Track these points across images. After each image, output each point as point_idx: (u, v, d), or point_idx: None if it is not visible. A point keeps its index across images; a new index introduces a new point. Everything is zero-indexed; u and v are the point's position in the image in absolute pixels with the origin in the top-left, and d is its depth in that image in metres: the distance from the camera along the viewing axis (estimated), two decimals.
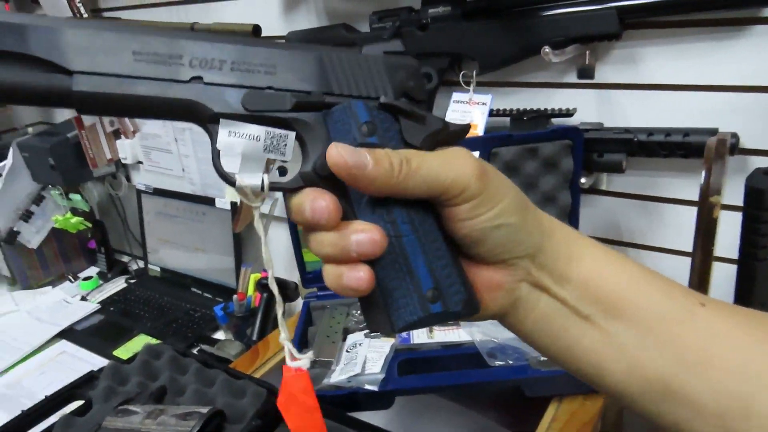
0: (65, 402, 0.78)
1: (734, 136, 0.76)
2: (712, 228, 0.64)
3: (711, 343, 0.33)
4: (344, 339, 0.84)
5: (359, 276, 0.30)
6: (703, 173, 0.65)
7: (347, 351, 0.80)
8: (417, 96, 0.34)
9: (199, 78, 0.31)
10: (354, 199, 0.31)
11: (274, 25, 1.14)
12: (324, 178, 0.31)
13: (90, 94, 0.29)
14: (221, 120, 0.31)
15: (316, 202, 0.30)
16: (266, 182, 0.31)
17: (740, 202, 0.70)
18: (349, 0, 1.04)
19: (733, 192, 0.74)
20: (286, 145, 0.32)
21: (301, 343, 0.85)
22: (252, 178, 0.31)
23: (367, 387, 0.71)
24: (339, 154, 0.30)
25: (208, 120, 0.31)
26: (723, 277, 0.74)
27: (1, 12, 0.30)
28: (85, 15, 1.41)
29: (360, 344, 0.80)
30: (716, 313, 0.34)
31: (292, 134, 0.32)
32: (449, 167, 0.31)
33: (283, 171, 0.33)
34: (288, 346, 0.34)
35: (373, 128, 0.32)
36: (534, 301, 0.35)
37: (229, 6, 1.20)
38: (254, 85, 0.31)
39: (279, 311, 0.35)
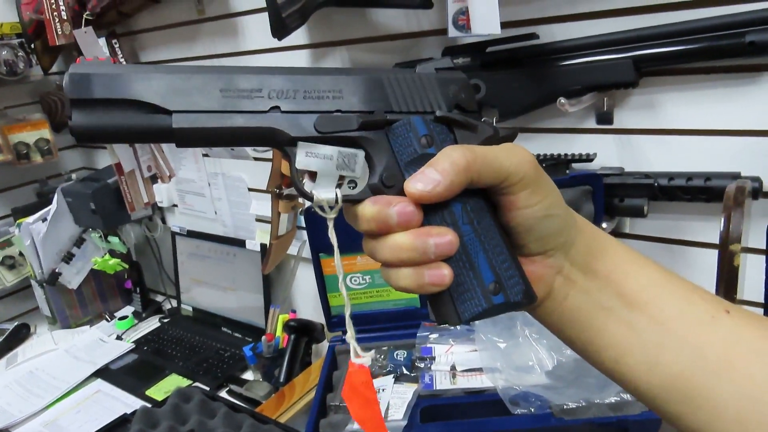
0: None
1: (756, 180, 0.76)
2: (733, 276, 0.64)
3: (734, 348, 0.34)
4: None
5: (443, 273, 0.33)
6: (722, 221, 0.65)
7: None
8: (468, 107, 0.37)
9: (276, 107, 0.35)
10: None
11: None
12: (390, 187, 0.35)
13: (187, 130, 0.34)
14: (299, 143, 0.35)
15: (401, 206, 0.33)
16: (340, 196, 0.35)
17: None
18: (373, 51, 1.09)
19: (760, 236, 0.73)
20: (355, 162, 0.36)
21: (326, 386, 0.86)
22: (327, 193, 0.35)
23: None
24: (415, 188, 0.33)
25: (286, 143, 0.35)
26: None
27: (111, 65, 0.35)
28: None
29: (383, 389, 0.81)
30: (742, 320, 0.35)
31: (361, 152, 0.36)
32: (511, 155, 0.34)
33: (352, 185, 0.36)
34: (353, 344, 0.37)
35: (431, 140, 0.35)
36: (564, 294, 0.37)
37: (261, 58, 1.27)
38: (324, 110, 0.35)
39: (347, 312, 0.38)
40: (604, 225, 0.85)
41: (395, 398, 0.78)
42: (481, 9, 0.81)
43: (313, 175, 0.35)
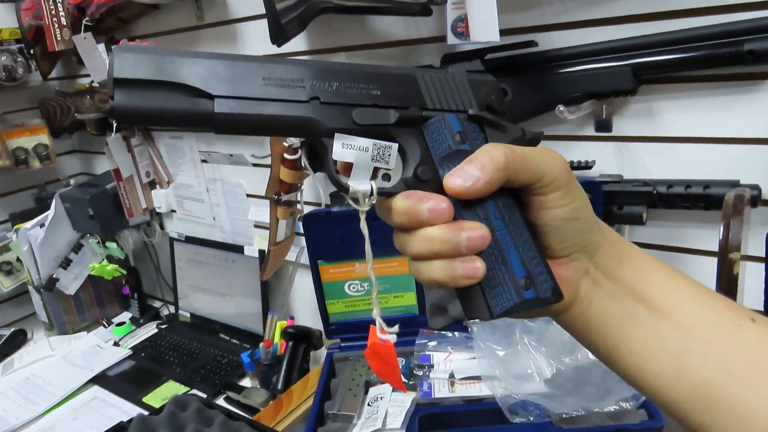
0: None
1: (755, 188, 0.76)
2: (732, 284, 0.63)
3: (760, 356, 0.34)
4: (366, 392, 0.84)
5: (476, 266, 0.33)
6: (721, 229, 0.65)
7: (369, 404, 0.80)
8: (498, 108, 0.38)
9: (316, 98, 0.35)
10: (451, 199, 0.35)
11: None
12: (424, 181, 0.36)
13: (228, 115, 0.34)
14: (336, 134, 0.35)
15: (433, 202, 0.34)
16: (375, 188, 0.35)
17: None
18: (372, 58, 1.09)
19: (759, 243, 0.73)
20: (390, 154, 0.36)
21: (324, 395, 0.86)
22: (362, 185, 0.35)
23: None
24: (455, 184, 0.34)
25: (323, 134, 0.35)
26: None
27: (155, 48, 0.34)
28: None
29: (381, 398, 0.80)
30: (767, 329, 0.35)
31: (396, 145, 0.36)
32: (547, 156, 0.35)
33: (386, 178, 0.37)
34: (378, 321, 0.38)
35: (465, 137, 0.36)
36: (590, 298, 0.37)
37: None
38: (363, 103, 0.36)
39: (374, 293, 0.39)
40: None
41: (393, 407, 0.78)
42: (480, 16, 0.81)
43: (348, 167, 0.36)
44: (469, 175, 0.33)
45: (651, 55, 0.77)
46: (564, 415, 0.72)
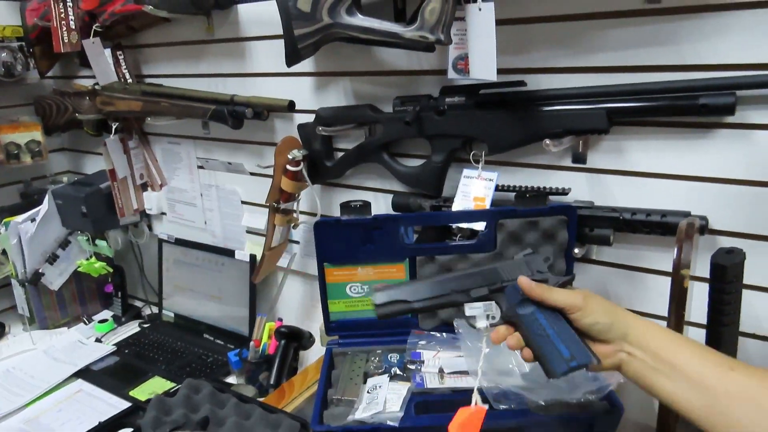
0: (115, 429, 0.86)
1: (703, 218, 0.89)
2: (683, 297, 0.76)
3: (740, 396, 0.59)
4: (364, 382, 0.94)
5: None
6: (675, 250, 0.78)
7: (368, 392, 0.89)
8: (543, 271, 0.77)
9: (457, 291, 0.79)
10: (524, 323, 0.71)
11: (306, 101, 1.29)
12: (510, 316, 0.73)
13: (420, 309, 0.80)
14: (465, 304, 0.77)
15: (495, 334, 0.74)
16: (488, 324, 0.75)
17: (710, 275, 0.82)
18: (374, 84, 1.20)
19: (706, 266, 0.87)
20: (491, 307, 0.75)
21: (326, 384, 0.95)
22: (481, 322, 0.76)
23: (389, 423, 0.81)
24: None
25: (460, 304, 0.78)
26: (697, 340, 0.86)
27: None
28: (130, 80, 1.56)
29: (380, 386, 0.90)
30: (743, 376, 0.60)
31: (493, 303, 0.75)
32: (567, 295, 0.70)
33: (492, 319, 0.75)
34: (476, 397, 0.73)
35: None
36: (629, 363, 0.67)
37: (266, 81, 1.35)
38: (475, 286, 0.77)
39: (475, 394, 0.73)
40: (576, 250, 0.97)
41: (391, 394, 0.87)
42: (481, 57, 0.93)
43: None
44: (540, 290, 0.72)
45: (622, 102, 0.90)
46: (541, 402, 0.83)
